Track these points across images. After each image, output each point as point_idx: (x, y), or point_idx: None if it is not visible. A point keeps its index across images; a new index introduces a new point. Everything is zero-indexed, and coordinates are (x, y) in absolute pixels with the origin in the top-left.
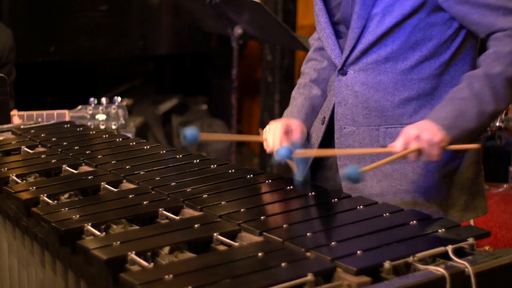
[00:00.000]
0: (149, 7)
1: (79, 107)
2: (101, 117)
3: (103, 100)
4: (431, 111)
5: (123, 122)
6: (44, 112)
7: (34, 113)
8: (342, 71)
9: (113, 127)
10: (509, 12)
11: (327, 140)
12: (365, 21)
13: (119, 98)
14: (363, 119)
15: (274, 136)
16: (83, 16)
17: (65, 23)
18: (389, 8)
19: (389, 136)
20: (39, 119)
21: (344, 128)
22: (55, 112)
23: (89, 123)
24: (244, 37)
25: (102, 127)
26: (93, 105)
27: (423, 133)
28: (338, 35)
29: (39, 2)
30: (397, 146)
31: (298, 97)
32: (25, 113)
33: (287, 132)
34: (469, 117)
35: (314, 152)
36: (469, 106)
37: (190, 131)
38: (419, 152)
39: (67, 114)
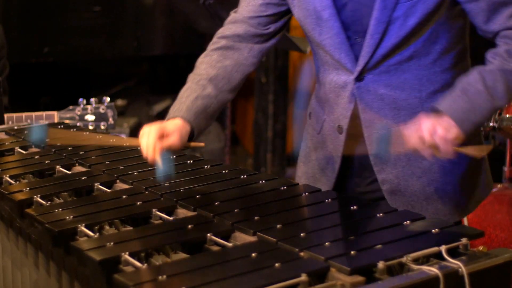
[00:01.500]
0: (143, 8)
1: (70, 107)
2: (90, 117)
3: (92, 100)
4: None
5: (112, 122)
6: (33, 114)
7: (23, 114)
8: (359, 77)
9: (102, 127)
10: None
11: (350, 149)
12: (385, 26)
13: (108, 98)
14: (392, 120)
15: (148, 142)
16: (77, 17)
17: (58, 24)
18: (411, 9)
19: None
20: (28, 121)
21: (374, 133)
22: (44, 113)
23: (78, 124)
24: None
25: (91, 127)
26: (82, 105)
27: (437, 128)
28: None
29: (33, 3)
30: (411, 140)
31: (190, 94)
32: (14, 114)
33: (162, 136)
34: (482, 111)
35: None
36: (482, 100)
37: (36, 130)
38: (433, 147)
39: (56, 115)
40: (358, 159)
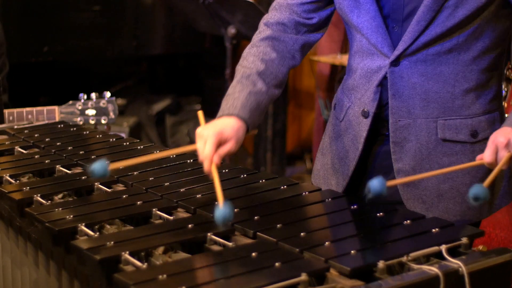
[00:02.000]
0: (143, 7)
1: (70, 102)
2: (91, 112)
3: (93, 95)
4: (485, 101)
5: (113, 117)
6: (34, 109)
7: (24, 110)
8: (395, 62)
9: (103, 122)
10: None
11: (373, 135)
12: (435, 14)
13: (108, 93)
14: (420, 111)
15: (206, 152)
16: (77, 17)
17: (58, 23)
18: (462, 0)
19: (448, 128)
20: (29, 116)
21: (399, 121)
22: (45, 108)
23: (79, 119)
24: (237, 37)
25: (92, 122)
26: (82, 100)
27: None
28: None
29: (32, 2)
30: (487, 156)
31: (242, 89)
32: (15, 110)
33: (219, 144)
34: None
35: (406, 179)
36: None
37: (98, 165)
38: (510, 157)
39: (56, 110)
40: (379, 147)
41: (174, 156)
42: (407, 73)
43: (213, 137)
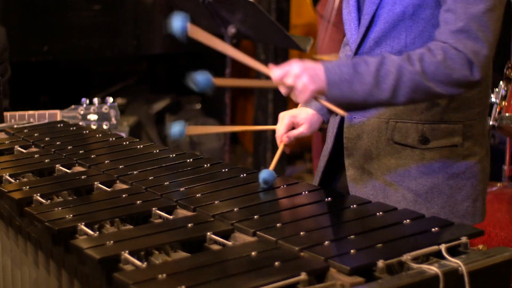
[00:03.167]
0: (143, 6)
1: (72, 106)
2: (92, 117)
3: (95, 100)
4: (443, 110)
5: (114, 122)
6: (36, 112)
7: (26, 113)
8: (356, 54)
9: (105, 127)
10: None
11: (342, 132)
12: (376, 7)
13: (111, 99)
14: (374, 110)
15: (279, 130)
16: (77, 16)
17: (58, 22)
18: None
19: (397, 130)
20: (31, 119)
21: (355, 118)
22: (47, 112)
23: (80, 123)
24: (237, 36)
25: (94, 127)
26: (85, 105)
27: (304, 77)
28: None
29: (32, 2)
30: (276, 74)
31: None
32: (17, 113)
33: (292, 125)
34: (357, 90)
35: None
36: (365, 81)
37: (176, 127)
38: (290, 88)
39: (58, 114)
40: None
41: (174, 155)
42: None
43: (287, 119)
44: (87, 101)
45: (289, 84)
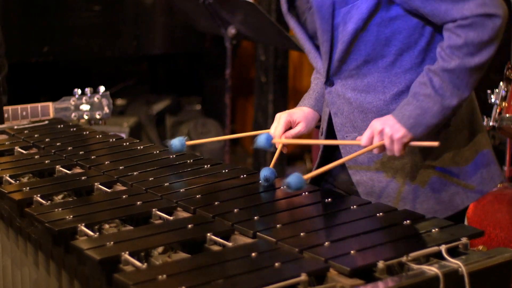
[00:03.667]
0: (143, 7)
1: (64, 97)
2: (85, 107)
3: (87, 90)
4: None
5: (107, 111)
6: (28, 106)
7: (19, 107)
8: (329, 82)
9: (98, 117)
10: (458, 1)
11: (329, 150)
12: (330, 34)
13: (102, 88)
14: (362, 123)
15: (276, 130)
16: (77, 16)
17: (58, 23)
18: (347, 15)
19: None
20: (24, 113)
21: (347, 136)
22: (39, 105)
23: (73, 114)
24: (237, 37)
25: (86, 117)
26: (77, 95)
27: (386, 129)
28: (318, 48)
29: (32, 2)
30: (363, 139)
31: (313, 80)
32: (10, 107)
33: (289, 124)
34: (433, 113)
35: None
36: (432, 103)
37: (176, 141)
38: (382, 147)
39: (51, 107)
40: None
41: (174, 156)
42: (342, 91)
43: (284, 118)
44: (79, 92)
45: (378, 145)
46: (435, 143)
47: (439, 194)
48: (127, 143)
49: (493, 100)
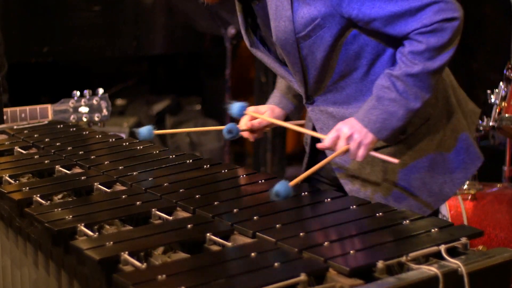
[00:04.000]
0: (143, 7)
1: (63, 100)
2: (83, 109)
3: (86, 92)
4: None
5: (106, 113)
6: (27, 108)
7: (18, 108)
8: (309, 101)
9: (96, 119)
10: (415, 11)
11: (314, 154)
12: (300, 64)
13: (101, 90)
14: None
15: (242, 121)
16: (77, 17)
17: (58, 23)
18: (313, 45)
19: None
20: (23, 114)
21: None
22: (38, 107)
23: (72, 116)
24: (237, 37)
25: (85, 119)
26: (75, 98)
27: (355, 135)
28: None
29: (32, 2)
30: (327, 140)
31: (278, 80)
32: (8, 109)
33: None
34: (398, 117)
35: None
36: (397, 107)
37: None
38: (346, 151)
39: (49, 109)
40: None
41: (174, 156)
42: (323, 106)
43: (252, 109)
44: (78, 94)
45: (344, 149)
46: (395, 160)
47: (430, 186)
48: (127, 143)
49: (493, 100)
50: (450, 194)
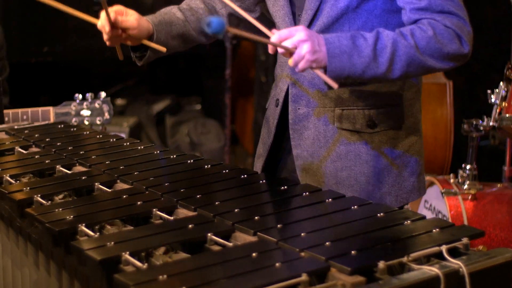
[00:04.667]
0: (143, 7)
1: (65, 102)
2: (85, 112)
3: (88, 95)
4: (386, 95)
5: (108, 117)
6: (29, 110)
7: (19, 110)
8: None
9: (98, 122)
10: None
11: (283, 123)
12: (319, 3)
13: (103, 94)
14: (318, 100)
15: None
16: (76, 17)
17: (58, 23)
18: None
19: (345, 118)
20: (24, 116)
21: (299, 109)
22: (40, 109)
23: (74, 119)
24: (237, 37)
25: (87, 123)
26: (77, 101)
27: (308, 43)
28: (295, 15)
29: (32, 2)
30: (277, 35)
31: (161, 12)
32: (10, 111)
33: (120, 13)
34: (356, 63)
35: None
36: (364, 54)
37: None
38: (290, 53)
39: (51, 111)
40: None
41: (175, 156)
42: None
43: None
44: (80, 97)
45: (289, 48)
46: (334, 85)
47: (374, 189)
48: (127, 143)
49: (493, 100)
50: (421, 194)
